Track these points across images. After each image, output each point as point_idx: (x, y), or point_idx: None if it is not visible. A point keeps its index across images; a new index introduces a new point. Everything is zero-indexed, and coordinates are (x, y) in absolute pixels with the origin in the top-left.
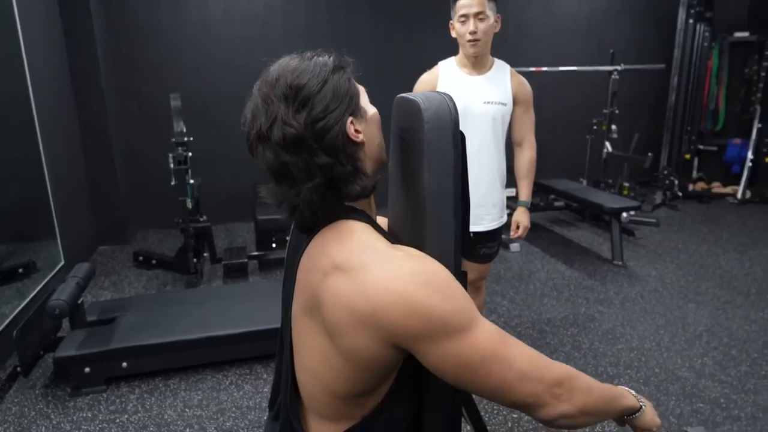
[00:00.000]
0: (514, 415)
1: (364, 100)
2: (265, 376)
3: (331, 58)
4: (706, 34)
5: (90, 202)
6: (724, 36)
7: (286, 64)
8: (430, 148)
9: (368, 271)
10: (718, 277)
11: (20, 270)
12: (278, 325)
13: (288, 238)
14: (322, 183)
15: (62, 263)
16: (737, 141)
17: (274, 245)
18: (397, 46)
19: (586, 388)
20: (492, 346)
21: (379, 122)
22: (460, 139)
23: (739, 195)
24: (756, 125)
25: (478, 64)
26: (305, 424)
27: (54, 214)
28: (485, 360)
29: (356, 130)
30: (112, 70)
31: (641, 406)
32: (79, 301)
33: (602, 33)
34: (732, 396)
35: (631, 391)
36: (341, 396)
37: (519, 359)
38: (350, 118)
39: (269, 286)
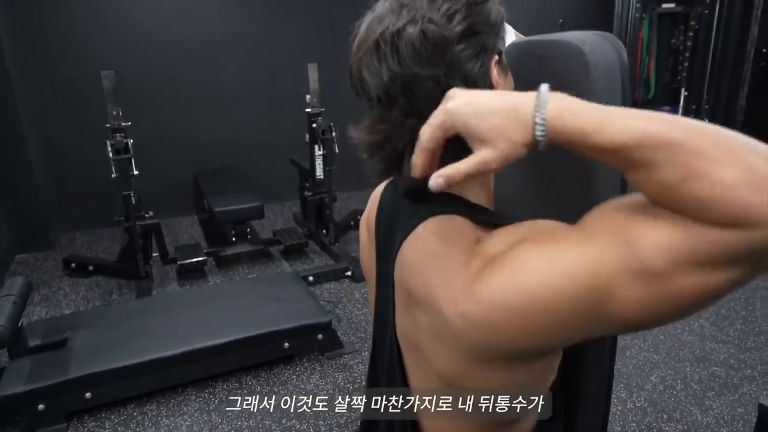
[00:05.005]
0: None
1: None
2: (258, 388)
3: None
4: (638, 5)
5: (3, 204)
6: (653, 7)
7: None
8: (601, 101)
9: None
10: None
11: None
12: (261, 330)
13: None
14: None
15: None
16: (666, 108)
17: (234, 239)
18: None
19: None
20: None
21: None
22: (629, 92)
23: None
24: (683, 93)
25: None
26: None
27: None
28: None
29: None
30: (18, 46)
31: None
32: (19, 324)
33: (547, 1)
34: (739, 356)
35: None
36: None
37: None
38: (496, 58)
39: (235, 286)
